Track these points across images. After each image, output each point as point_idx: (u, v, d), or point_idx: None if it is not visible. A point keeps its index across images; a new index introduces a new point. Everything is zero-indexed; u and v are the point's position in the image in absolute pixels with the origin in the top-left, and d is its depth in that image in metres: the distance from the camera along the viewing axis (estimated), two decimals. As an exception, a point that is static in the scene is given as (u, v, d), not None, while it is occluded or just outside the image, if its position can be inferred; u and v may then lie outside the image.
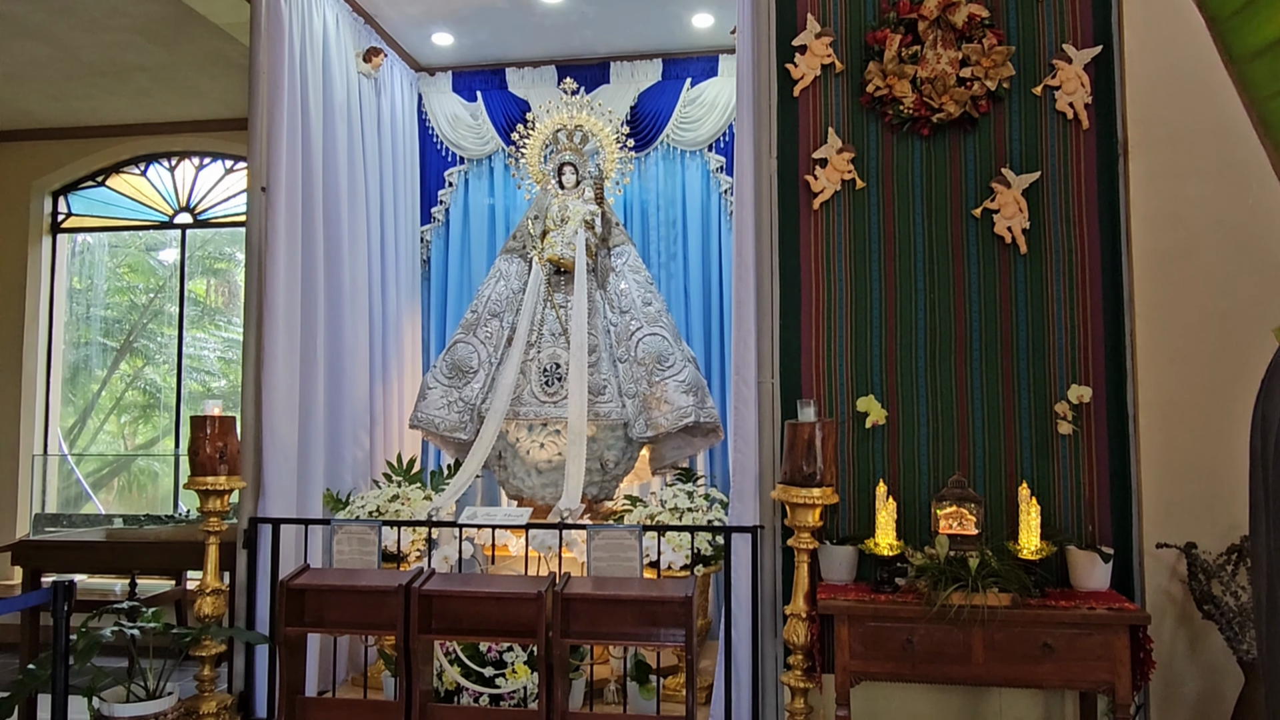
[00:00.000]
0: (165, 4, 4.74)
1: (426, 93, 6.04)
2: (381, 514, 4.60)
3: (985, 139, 3.82)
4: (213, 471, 3.94)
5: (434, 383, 5.15)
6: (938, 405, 3.73)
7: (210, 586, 3.95)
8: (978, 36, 3.81)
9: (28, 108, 6.54)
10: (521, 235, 5.31)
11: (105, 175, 7.16)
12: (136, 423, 8.76)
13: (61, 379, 7.30)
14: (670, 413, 4.85)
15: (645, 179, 5.89)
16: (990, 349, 3.73)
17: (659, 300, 5.15)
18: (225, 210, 7.04)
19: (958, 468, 3.68)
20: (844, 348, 3.82)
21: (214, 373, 8.53)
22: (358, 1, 5.14)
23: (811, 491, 3.34)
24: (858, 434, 3.77)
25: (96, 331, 8.13)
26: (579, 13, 5.27)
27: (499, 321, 5.15)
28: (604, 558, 3.91)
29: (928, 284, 3.81)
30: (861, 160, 3.89)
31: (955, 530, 3.47)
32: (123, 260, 8.31)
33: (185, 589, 6.09)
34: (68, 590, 3.33)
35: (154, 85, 6.10)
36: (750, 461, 3.85)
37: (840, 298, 3.84)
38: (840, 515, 3.76)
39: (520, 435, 4.96)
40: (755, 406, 3.85)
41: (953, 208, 3.82)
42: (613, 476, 5.03)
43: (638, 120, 5.79)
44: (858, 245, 3.87)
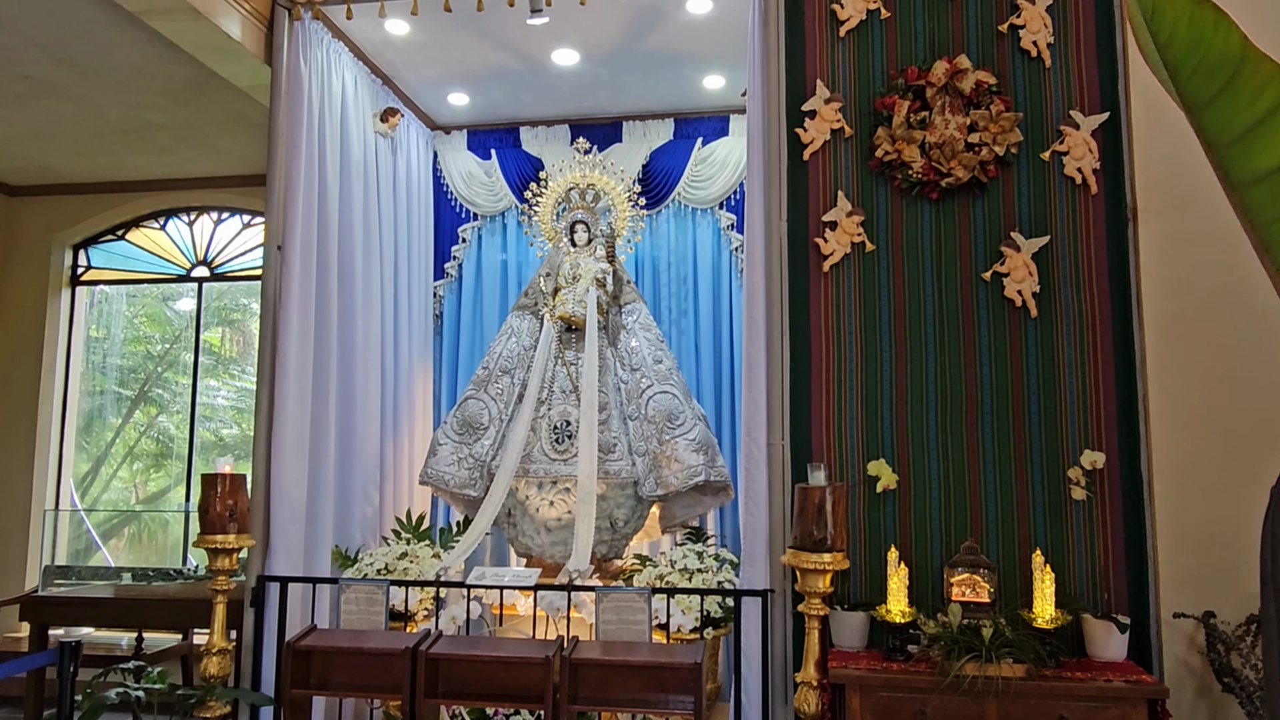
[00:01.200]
0: (188, 67, 4.85)
1: (442, 150, 6.13)
2: (390, 572, 4.57)
3: (994, 203, 3.85)
4: (222, 530, 3.94)
5: (444, 439, 5.15)
6: (949, 469, 3.71)
7: (216, 646, 3.93)
8: (985, 103, 3.86)
9: (52, 164, 6.67)
10: (533, 292, 5.35)
11: (125, 229, 7.27)
12: (149, 471, 8.78)
13: (76, 428, 7.34)
14: (680, 471, 4.83)
15: (657, 236, 5.94)
16: (1002, 412, 3.72)
17: (670, 358, 5.16)
18: (242, 264, 7.13)
19: (970, 533, 3.64)
20: (854, 410, 3.81)
21: (226, 422, 8.55)
22: (376, 64, 5.25)
23: (822, 557, 3.31)
24: (869, 497, 3.74)
25: (112, 380, 8.19)
26: (592, 74, 5.37)
27: (510, 378, 5.16)
28: (613, 620, 3.88)
29: (938, 347, 3.81)
30: (871, 223, 3.92)
31: (968, 597, 3.42)
32: (140, 310, 8.40)
33: (192, 643, 6.05)
34: (74, 651, 3.32)
35: (175, 143, 6.22)
36: (761, 524, 3.83)
37: (851, 360, 3.85)
38: (851, 580, 3.72)
39: (530, 493, 4.95)
40: (766, 468, 3.84)
41: (962, 271, 3.83)
42: (622, 535, 5.00)
43: (649, 178, 5.86)
44: (868, 307, 3.88)
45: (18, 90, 5.36)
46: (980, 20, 3.96)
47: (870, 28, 4.03)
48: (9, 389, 7.05)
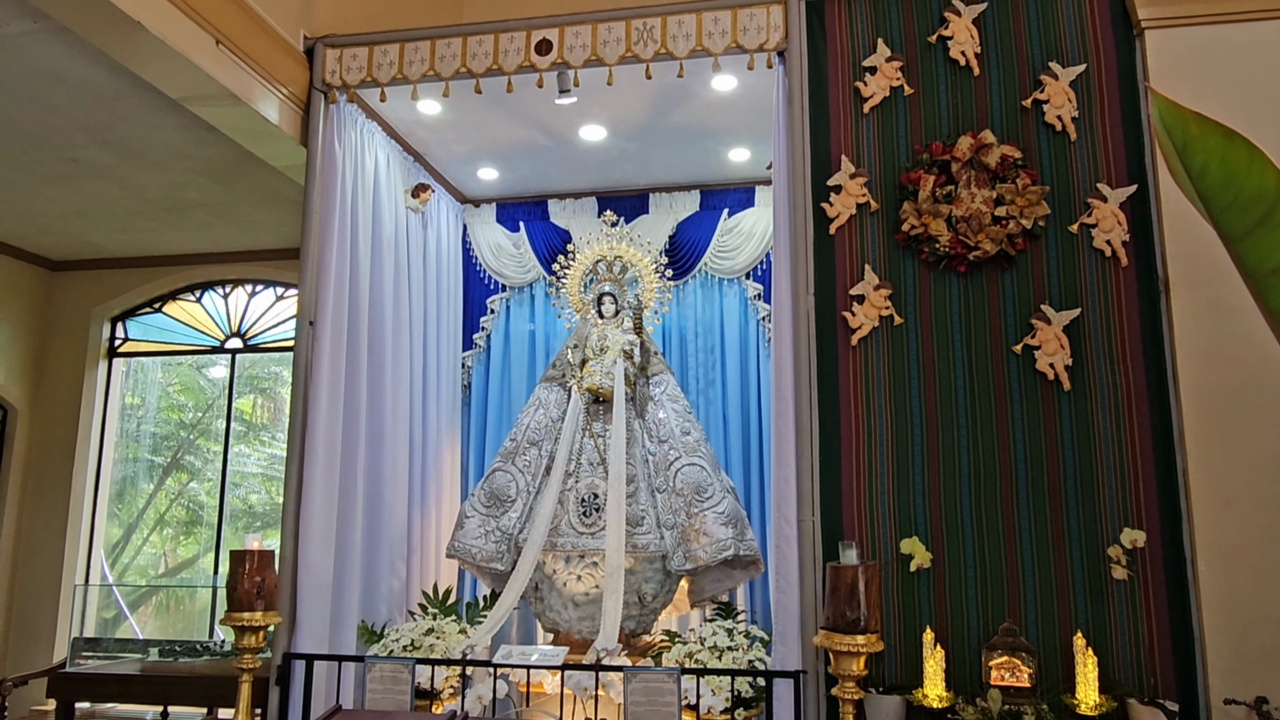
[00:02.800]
0: (226, 148, 5.00)
1: (471, 223, 6.23)
2: (416, 648, 4.52)
3: (1023, 276, 3.83)
4: (249, 607, 3.92)
5: (471, 511, 5.14)
6: (984, 547, 3.63)
7: (241, 728, 3.88)
8: (1011, 176, 3.87)
9: (94, 240, 6.86)
10: (561, 364, 5.37)
11: (162, 302, 7.43)
12: (178, 537, 8.83)
13: (109, 496, 7.41)
14: (709, 545, 4.77)
15: (683, 306, 5.97)
16: (1037, 488, 3.64)
17: (697, 429, 5.13)
18: (275, 335, 7.24)
19: (1008, 614, 3.54)
20: (886, 485, 3.76)
21: (255, 488, 8.61)
22: (408, 141, 5.38)
23: (856, 639, 3.22)
24: (902, 576, 3.67)
25: (145, 448, 8.29)
26: (619, 148, 5.46)
27: (537, 450, 5.15)
28: (641, 701, 3.79)
29: (970, 421, 3.76)
30: (899, 296, 3.91)
31: (1008, 682, 3.32)
32: (174, 378, 8.54)
33: (216, 718, 6.00)
34: (98, 734, 3.29)
35: (212, 219, 6.38)
36: (792, 602, 3.75)
37: (881, 434, 3.80)
38: (886, 662, 3.62)
39: (557, 567, 4.90)
40: (796, 545, 3.78)
41: (993, 344, 3.80)
42: (651, 609, 4.92)
43: (676, 249, 5.91)
44: (897, 381, 3.85)
45: (64, 171, 5.54)
46: (1003, 95, 3.99)
47: (894, 104, 4.07)
48: (46, 460, 7.14)
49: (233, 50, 4.19)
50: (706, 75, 4.50)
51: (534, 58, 4.44)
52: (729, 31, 4.25)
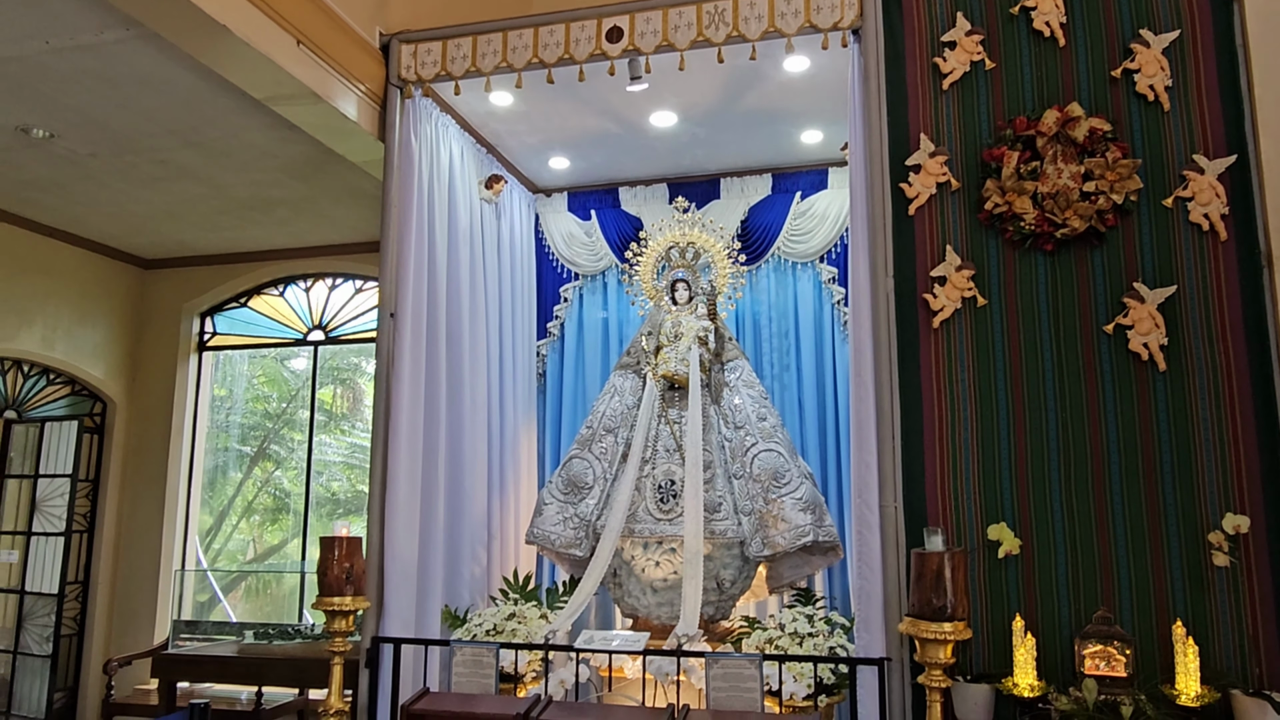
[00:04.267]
0: (307, 146, 5.13)
1: (543, 212, 6.28)
2: (499, 633, 4.60)
3: (1114, 253, 3.70)
4: (339, 592, 4.03)
5: (549, 498, 5.20)
6: (1076, 533, 3.53)
7: (334, 708, 4.00)
8: (1100, 150, 3.73)
9: (183, 238, 7.11)
10: (635, 351, 5.39)
11: (247, 296, 7.67)
12: (265, 524, 9.14)
13: (201, 485, 7.70)
14: (788, 531, 4.74)
15: (757, 291, 5.92)
16: (1131, 473, 3.52)
17: (774, 415, 5.10)
18: (354, 327, 7.41)
19: (1101, 601, 3.44)
20: (971, 471, 3.68)
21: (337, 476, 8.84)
22: (481, 133, 5.44)
23: (943, 626, 3.16)
24: (989, 563, 3.59)
25: (234, 438, 8.59)
26: (690, 134, 5.43)
27: (614, 437, 5.18)
28: (723, 687, 3.80)
29: (1059, 404, 3.65)
30: (982, 277, 3.82)
31: (1103, 671, 3.23)
32: (259, 370, 8.82)
33: (308, 699, 6.21)
34: (203, 713, 3.43)
35: (294, 215, 6.55)
36: (875, 589, 3.71)
37: (965, 418, 3.72)
38: (973, 650, 3.56)
39: (635, 553, 4.93)
40: (878, 531, 3.73)
41: (1082, 324, 3.68)
42: (729, 596, 4.92)
43: (748, 234, 5.86)
44: (981, 364, 3.76)
45: (155, 174, 5.75)
46: (1091, 66, 3.84)
47: (975, 79, 3.96)
48: (143, 451, 7.46)
49: (312, 49, 4.29)
50: (779, 57, 4.44)
51: (605, 45, 4.44)
52: (802, 11, 4.19)
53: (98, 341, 7.31)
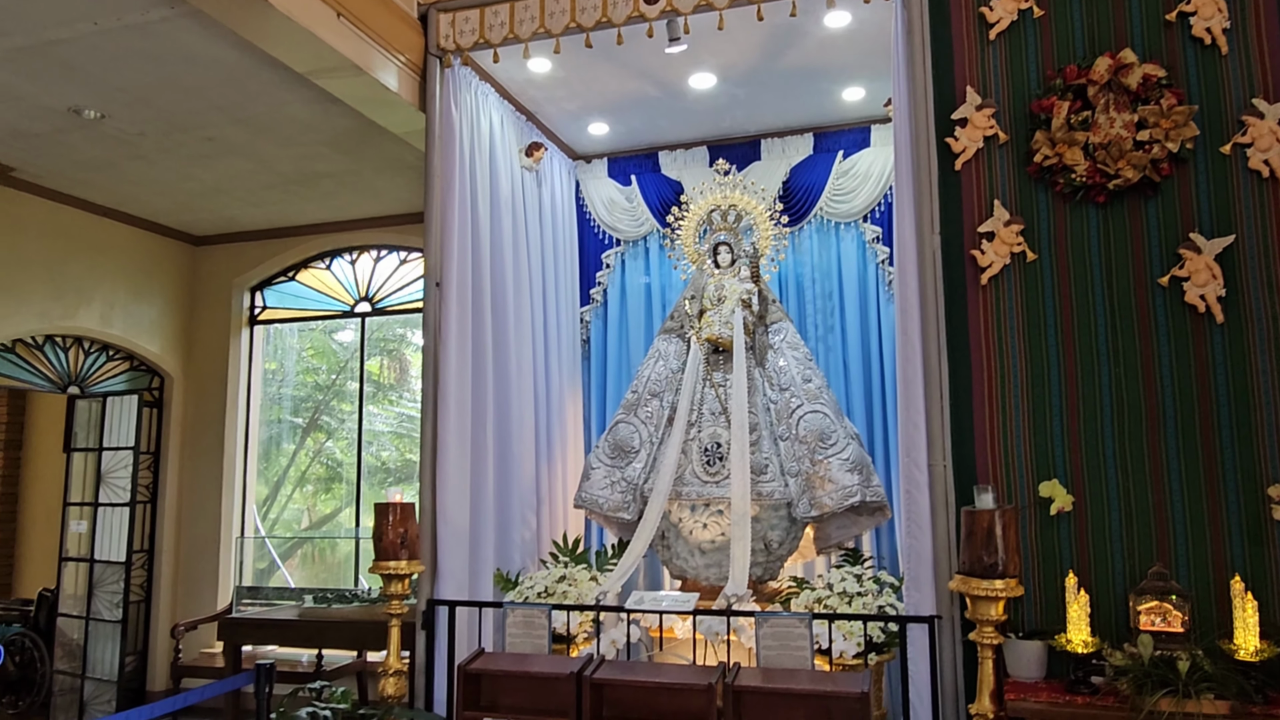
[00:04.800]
0: (350, 119, 5.18)
1: (583, 179, 6.28)
2: (550, 595, 4.68)
3: (1169, 203, 3.61)
4: (395, 556, 4.14)
5: (597, 463, 5.25)
6: (1130, 489, 3.48)
7: (393, 668, 4.12)
8: (1154, 97, 3.63)
9: (232, 214, 7.24)
10: (679, 315, 5.39)
11: (295, 270, 7.79)
12: (318, 494, 9.34)
13: (257, 456, 7.90)
14: (835, 492, 4.74)
15: (800, 253, 5.88)
16: (1188, 427, 3.46)
17: (819, 376, 5.08)
18: (400, 298, 7.50)
19: (1156, 557, 3.40)
20: (1021, 428, 3.64)
21: (386, 446, 8.99)
22: (520, 101, 5.44)
23: (994, 583, 3.16)
24: (1041, 520, 3.56)
25: (286, 410, 8.77)
26: (729, 94, 5.38)
27: (659, 401, 5.21)
28: (773, 646, 3.84)
29: (1112, 358, 3.59)
30: (1031, 231, 3.75)
31: (1158, 627, 3.20)
32: (307, 343, 8.97)
33: (366, 661, 6.38)
34: (269, 673, 3.56)
35: (338, 189, 6.63)
36: (924, 548, 3.71)
37: (1015, 375, 3.68)
38: (1025, 607, 3.55)
39: (683, 515, 4.97)
40: (927, 490, 3.72)
41: (1136, 277, 3.61)
42: (777, 557, 4.95)
43: (790, 195, 5.81)
44: (1031, 320, 3.71)
45: (203, 151, 5.85)
46: (1144, 11, 3.73)
47: (1022, 28, 3.87)
48: (201, 424, 7.66)
49: (352, 21, 4.32)
50: (819, 12, 4.37)
51: (643, 7, 4.40)
52: (843, -36, 4.10)
53: (153, 318, 7.50)
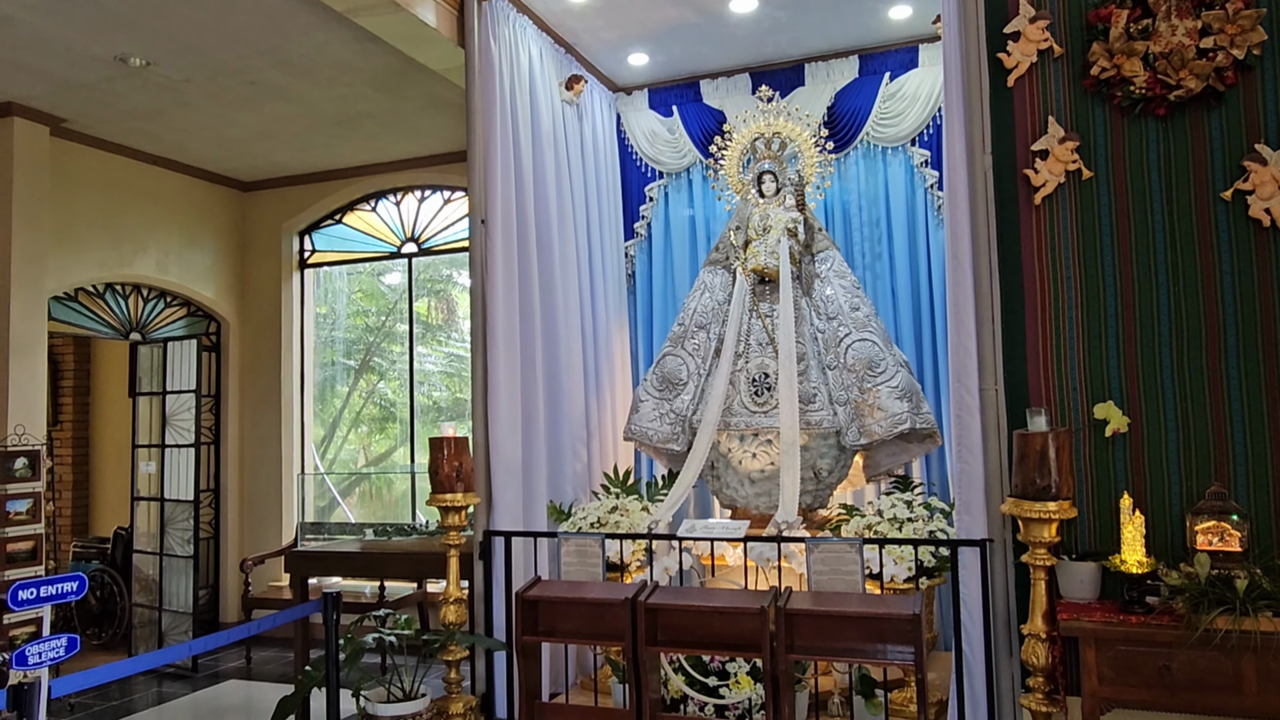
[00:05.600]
0: (390, 57, 5.17)
1: (624, 112, 6.21)
2: (602, 525, 4.78)
3: (1234, 114, 3.47)
4: (451, 489, 4.25)
5: (645, 395, 5.29)
6: (1188, 409, 3.43)
7: (453, 596, 4.26)
8: (1219, 2, 3.46)
9: (277, 159, 7.31)
10: (724, 246, 5.36)
11: (341, 213, 7.87)
12: (373, 434, 9.57)
13: (313, 398, 8.10)
14: (884, 420, 4.73)
15: (846, 179, 5.78)
16: (1249, 345, 3.38)
17: (867, 304, 5.04)
18: (445, 238, 7.55)
19: (1215, 478, 3.36)
20: (1075, 350, 3.59)
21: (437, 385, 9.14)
22: (558, 33, 5.37)
23: (1047, 505, 3.15)
24: (1095, 442, 3.53)
25: (339, 353, 8.94)
26: (771, 18, 5.25)
27: (706, 333, 5.22)
28: (824, 571, 3.89)
29: (1170, 276, 3.50)
30: (1087, 148, 3.64)
31: (1216, 546, 3.17)
32: (357, 286, 9.10)
33: (426, 592, 6.60)
34: (336, 600, 3.70)
35: (380, 130, 6.65)
36: (976, 472, 3.70)
37: (1069, 297, 3.61)
38: (1078, 530, 3.54)
39: (732, 445, 5.01)
40: (979, 415, 3.69)
41: (1197, 192, 3.49)
42: (826, 485, 4.98)
43: (835, 120, 5.69)
44: (1086, 239, 3.62)
45: (246, 95, 5.89)
46: (1210, -91, 3.53)
47: (1078, -66, 3.70)
48: (258, 367, 7.87)
49: (388, -44, 4.28)
50: (865, -74, 4.22)
51: (681, -72, 4.28)
52: (889, -126, 3.94)
53: (207, 264, 7.65)
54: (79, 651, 2.66)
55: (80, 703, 5.71)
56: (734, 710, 4.12)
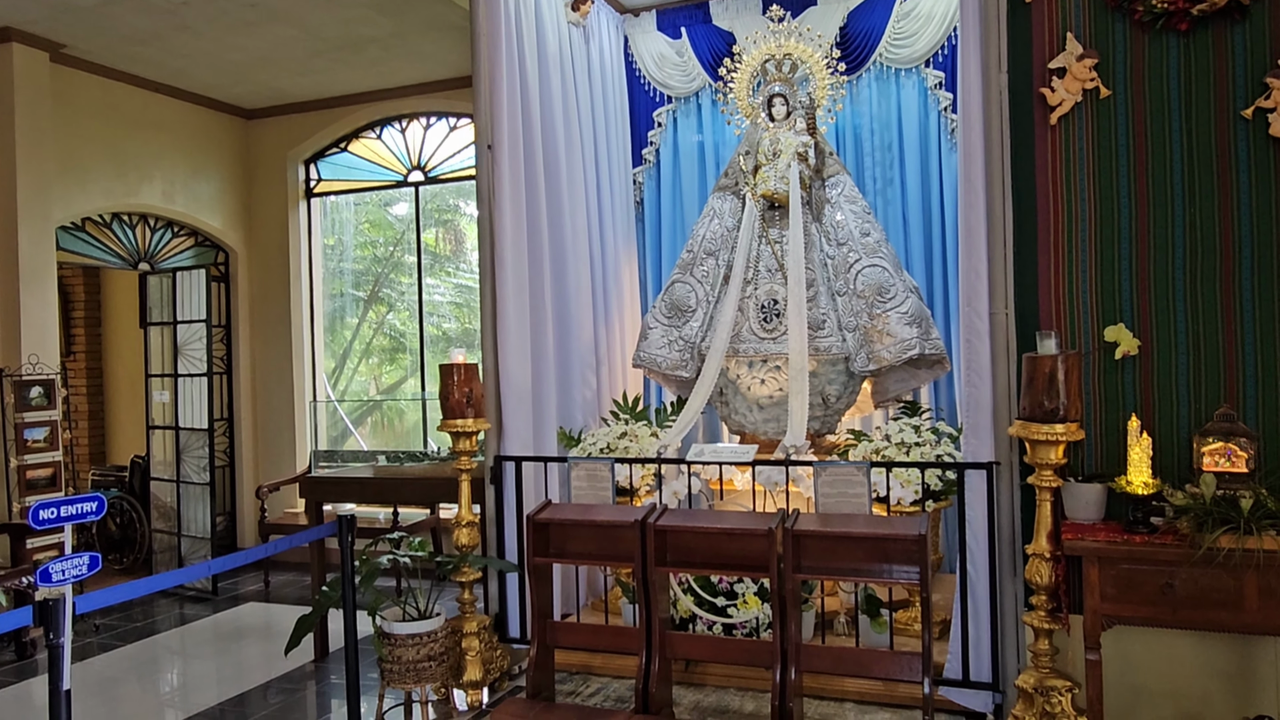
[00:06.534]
0: (392, -25, 5.06)
1: (632, 34, 6.08)
2: (612, 450, 4.82)
3: (1258, 28, 3.37)
4: (461, 415, 4.28)
5: (654, 322, 5.29)
6: (1199, 332, 3.41)
7: (465, 519, 4.33)
8: (1249, -91, 3.34)
9: (280, 85, 7.20)
10: (733, 172, 5.29)
11: (346, 141, 7.78)
12: (383, 365, 9.62)
13: (323, 328, 8.13)
14: (893, 345, 4.73)
15: (857, 103, 5.67)
16: (1264, 267, 3.34)
17: (877, 230, 4.99)
18: (451, 165, 7.47)
19: (1224, 399, 3.36)
20: (1088, 273, 3.56)
21: (447, 316, 9.14)
22: (564, -49, 5.22)
23: (1054, 428, 3.17)
24: (1105, 365, 3.52)
25: (348, 284, 8.94)
26: (784, -67, 5.10)
27: (715, 260, 5.19)
28: (831, 494, 3.93)
29: (1186, 198, 3.45)
30: (1106, 66, 3.55)
31: (1223, 467, 3.19)
32: (364, 217, 9.05)
33: (439, 517, 6.71)
34: (351, 523, 3.77)
35: (384, 54, 6.52)
36: (984, 396, 3.71)
37: (1083, 219, 3.57)
38: (1085, 451, 3.55)
39: (740, 372, 5.02)
40: (988, 339, 3.69)
41: (1217, 110, 3.42)
42: (835, 411, 5.00)
43: (848, 41, 5.56)
44: (1102, 160, 3.56)
45: (246, 18, 5.77)
46: None
47: None
48: (267, 297, 7.88)
49: None
50: None
51: None
52: None
53: (212, 193, 7.61)
54: (102, 573, 2.72)
55: (105, 624, 5.87)
56: (741, 629, 4.22)
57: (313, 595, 5.27)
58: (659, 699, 3.59)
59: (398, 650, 3.92)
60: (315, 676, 4.92)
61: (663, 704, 3.62)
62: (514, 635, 4.57)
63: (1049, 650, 3.36)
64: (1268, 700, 3.36)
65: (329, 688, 4.77)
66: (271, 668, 5.03)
